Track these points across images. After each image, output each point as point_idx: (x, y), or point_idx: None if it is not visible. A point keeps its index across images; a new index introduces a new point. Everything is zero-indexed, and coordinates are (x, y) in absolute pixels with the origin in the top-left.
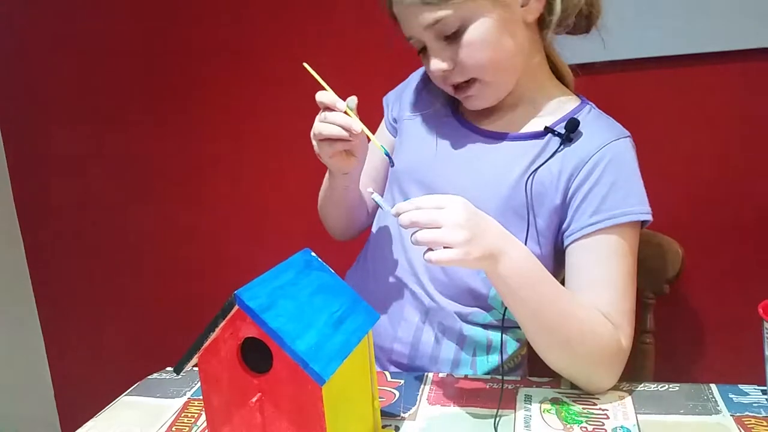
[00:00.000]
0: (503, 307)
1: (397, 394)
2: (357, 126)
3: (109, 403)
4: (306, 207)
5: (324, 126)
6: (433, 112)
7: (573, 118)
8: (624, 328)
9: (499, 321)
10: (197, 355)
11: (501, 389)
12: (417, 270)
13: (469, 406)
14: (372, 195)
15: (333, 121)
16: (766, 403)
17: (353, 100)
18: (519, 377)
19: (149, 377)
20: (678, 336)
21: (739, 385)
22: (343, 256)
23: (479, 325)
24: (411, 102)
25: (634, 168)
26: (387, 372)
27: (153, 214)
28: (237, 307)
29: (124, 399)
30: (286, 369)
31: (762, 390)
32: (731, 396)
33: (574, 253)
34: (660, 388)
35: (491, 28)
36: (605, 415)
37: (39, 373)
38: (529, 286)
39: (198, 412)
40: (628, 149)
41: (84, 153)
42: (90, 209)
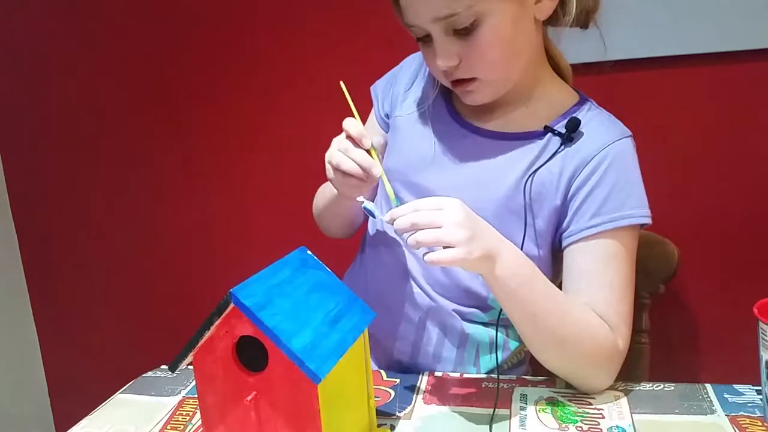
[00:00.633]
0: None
1: (393, 393)
2: (377, 171)
3: (104, 401)
4: (302, 206)
5: (343, 159)
6: (428, 108)
7: (574, 117)
8: (621, 330)
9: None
10: (192, 353)
11: (497, 388)
12: (416, 271)
13: (465, 405)
14: (363, 204)
15: (354, 158)
16: (760, 403)
17: (379, 140)
18: (524, 373)
19: (144, 375)
20: (673, 336)
21: (734, 385)
22: (339, 254)
23: (480, 324)
24: (403, 96)
25: (635, 169)
26: (382, 371)
27: (148, 211)
28: (232, 305)
29: (118, 397)
30: (281, 367)
31: (757, 390)
32: (726, 396)
33: (572, 255)
34: (655, 387)
35: (506, 26)
36: (601, 415)
37: (33, 371)
38: (525, 287)
39: (193, 410)
40: (629, 150)
41: (78, 149)
42: (85, 207)
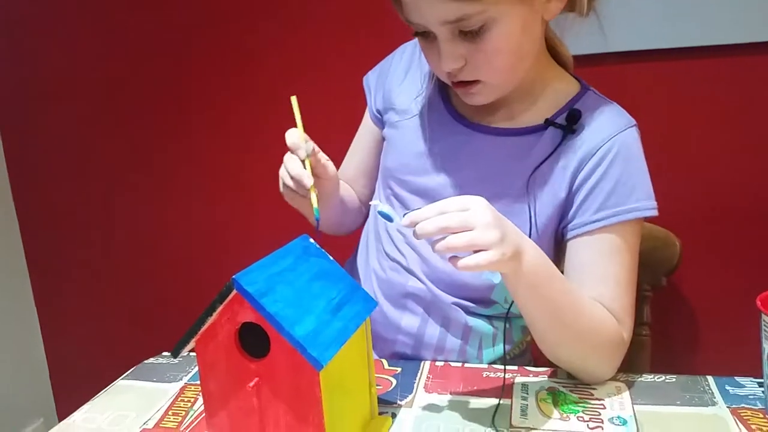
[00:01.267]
0: (506, 302)
1: (395, 381)
2: (307, 182)
3: (105, 387)
4: None
5: (282, 172)
6: (424, 104)
7: (574, 108)
8: (626, 322)
9: (502, 313)
10: (194, 340)
11: (503, 378)
12: (417, 265)
13: (466, 394)
14: (378, 208)
15: (290, 171)
16: (762, 395)
17: (310, 146)
18: (526, 363)
19: (146, 361)
20: (675, 328)
21: (736, 377)
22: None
23: (483, 317)
24: (397, 90)
25: (640, 160)
26: (384, 360)
27: (150, 200)
28: (235, 292)
29: (120, 383)
30: (283, 354)
31: (758, 382)
32: (728, 388)
33: (576, 248)
34: (657, 379)
35: (515, 30)
36: (602, 405)
37: (35, 357)
38: (545, 282)
39: (195, 396)
40: (635, 140)
41: (80, 140)
42: (87, 194)
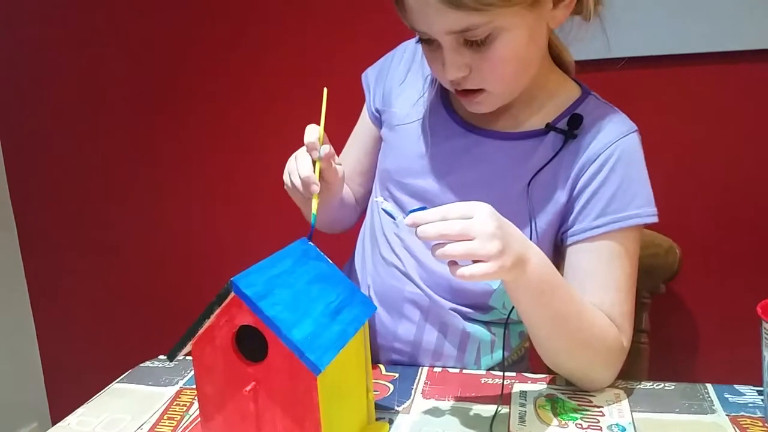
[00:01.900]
0: (505, 308)
1: (392, 387)
2: (315, 188)
3: (100, 391)
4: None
5: (292, 171)
6: (426, 107)
7: (576, 113)
8: (625, 329)
9: (500, 319)
10: (191, 343)
11: (502, 385)
12: (414, 270)
13: (464, 400)
14: (381, 205)
15: (300, 172)
16: (761, 404)
17: (325, 149)
18: (524, 370)
19: (141, 365)
20: (674, 335)
21: (735, 385)
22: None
23: (481, 323)
24: (397, 90)
25: (641, 166)
26: (382, 365)
27: (147, 202)
28: (233, 294)
29: (115, 386)
30: (281, 358)
31: (758, 390)
32: (727, 396)
33: (576, 254)
34: (656, 386)
35: (521, 40)
36: (600, 413)
37: (30, 360)
38: (549, 290)
39: (190, 400)
40: (636, 146)
41: (77, 141)
42: (84, 199)
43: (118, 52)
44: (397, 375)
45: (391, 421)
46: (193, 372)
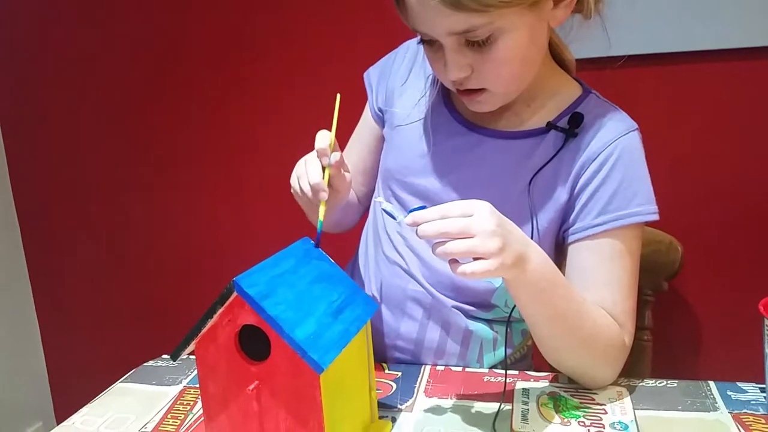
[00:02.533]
0: (507, 306)
1: (395, 386)
2: (323, 196)
3: (104, 390)
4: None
5: (299, 171)
6: (427, 107)
7: (577, 112)
8: (627, 327)
9: (503, 317)
10: (194, 342)
11: (504, 383)
12: (417, 268)
13: (467, 399)
14: (381, 205)
15: (309, 178)
16: (764, 401)
17: (336, 156)
18: (526, 368)
19: (145, 364)
20: (676, 333)
21: (738, 383)
22: (339, 249)
23: (484, 321)
24: (399, 90)
25: (642, 164)
26: (384, 364)
27: (151, 203)
28: (235, 294)
29: (119, 386)
30: (284, 357)
31: (760, 388)
32: (729, 393)
33: (577, 252)
34: (658, 384)
35: (523, 40)
36: (603, 410)
37: (34, 360)
38: (550, 289)
39: (194, 399)
40: (636, 144)
41: (79, 141)
42: (87, 197)
43: (119, 50)
44: (400, 373)
45: (394, 420)
46: (197, 371)
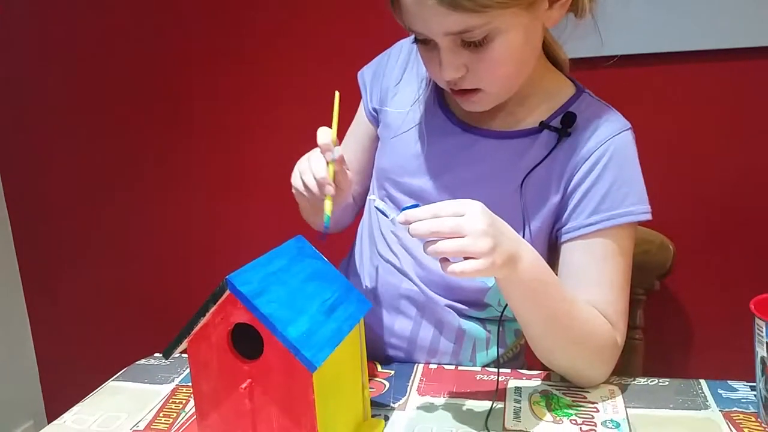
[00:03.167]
0: (500, 305)
1: (388, 384)
2: (330, 190)
3: (96, 389)
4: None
5: (302, 167)
6: (421, 107)
7: (569, 112)
8: (619, 326)
9: (496, 316)
10: (187, 340)
11: (497, 381)
12: (410, 266)
13: (459, 397)
14: (374, 203)
15: (315, 173)
16: (754, 399)
17: (338, 151)
18: (519, 366)
19: (137, 363)
20: (668, 332)
21: (729, 381)
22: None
23: (476, 320)
24: (393, 90)
25: (635, 164)
26: (377, 362)
27: (142, 200)
28: (228, 292)
29: (110, 384)
30: (276, 355)
31: (751, 386)
32: (720, 391)
33: (570, 251)
34: (650, 382)
35: (518, 41)
36: (595, 409)
37: (25, 358)
38: (542, 288)
39: (186, 398)
40: (629, 144)
41: (73, 139)
42: (79, 195)
43: (116, 47)
44: (393, 372)
45: (387, 418)
46: (189, 370)
